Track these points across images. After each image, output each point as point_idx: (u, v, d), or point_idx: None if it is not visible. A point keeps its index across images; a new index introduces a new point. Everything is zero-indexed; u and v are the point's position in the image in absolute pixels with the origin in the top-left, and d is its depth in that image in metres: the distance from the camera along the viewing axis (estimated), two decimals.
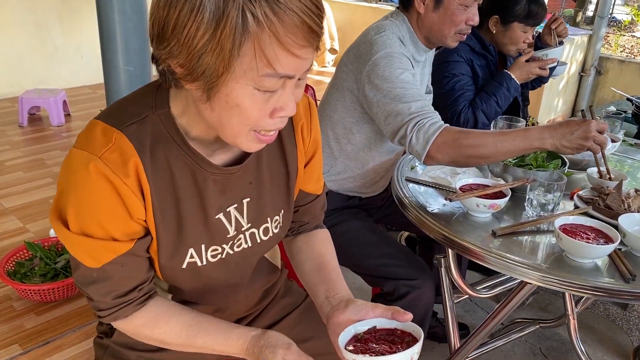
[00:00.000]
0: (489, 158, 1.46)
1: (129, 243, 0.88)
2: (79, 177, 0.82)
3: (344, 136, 1.78)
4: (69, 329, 2.01)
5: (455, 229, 1.40)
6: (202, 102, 0.79)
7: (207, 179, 0.91)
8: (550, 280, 1.23)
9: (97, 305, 0.92)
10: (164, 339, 0.95)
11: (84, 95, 4.78)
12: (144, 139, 0.84)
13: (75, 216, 0.84)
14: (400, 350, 0.83)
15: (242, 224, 0.99)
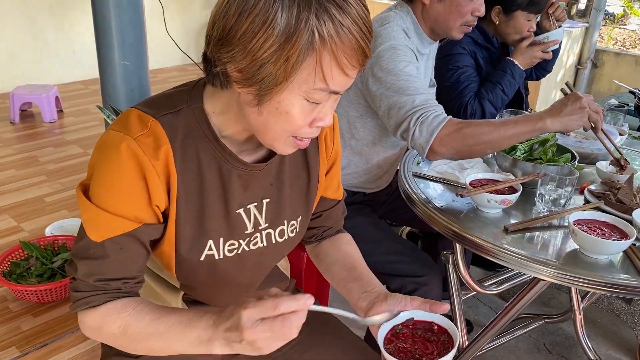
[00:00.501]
0: (492, 144, 1.43)
1: (136, 224, 0.89)
2: (110, 154, 0.86)
3: (347, 131, 1.74)
4: (67, 330, 1.97)
5: (466, 225, 1.37)
6: (251, 105, 0.83)
7: (232, 173, 0.94)
8: (565, 277, 1.21)
9: (76, 286, 0.90)
10: (128, 324, 0.88)
11: (77, 91, 4.71)
12: (176, 129, 0.89)
13: (97, 188, 0.87)
14: (435, 350, 0.86)
15: (260, 222, 1.01)
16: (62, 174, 3.20)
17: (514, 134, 1.41)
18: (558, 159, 1.53)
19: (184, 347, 0.85)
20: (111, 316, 0.89)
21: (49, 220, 2.64)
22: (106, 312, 0.90)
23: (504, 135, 1.41)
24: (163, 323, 0.87)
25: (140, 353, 0.92)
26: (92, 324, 0.91)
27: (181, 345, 0.85)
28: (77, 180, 3.12)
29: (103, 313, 0.90)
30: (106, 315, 0.89)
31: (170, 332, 0.85)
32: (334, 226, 1.20)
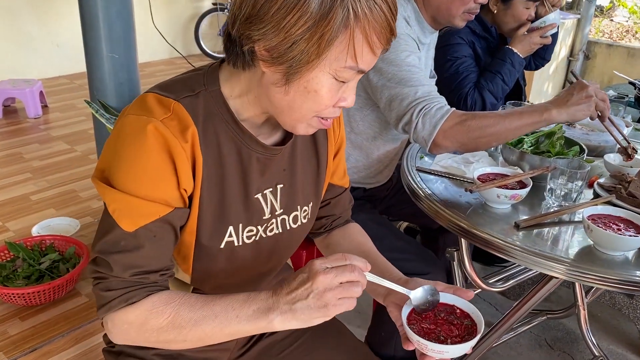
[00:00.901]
0: (498, 136, 1.38)
1: (169, 208, 0.86)
2: (135, 139, 0.83)
3: (346, 124, 1.68)
4: (57, 334, 1.89)
5: (475, 221, 1.32)
6: (277, 85, 0.83)
7: (252, 157, 0.93)
8: (580, 274, 1.16)
9: (108, 285, 0.85)
10: (178, 312, 0.85)
11: (62, 86, 4.59)
12: (197, 112, 0.87)
13: (125, 174, 0.83)
14: (456, 334, 0.86)
15: (276, 207, 1.00)
16: (48, 171, 3.10)
17: (520, 126, 1.37)
18: (567, 152, 1.48)
19: (240, 325, 0.83)
20: (157, 309, 0.85)
21: (36, 219, 2.55)
22: (151, 306, 0.85)
23: (509, 127, 1.37)
24: (218, 304, 0.85)
25: (186, 344, 0.87)
26: (135, 320, 0.86)
27: (238, 322, 0.83)
28: (64, 177, 3.03)
29: (147, 307, 0.85)
30: (151, 310, 0.85)
31: (227, 310, 0.84)
32: (343, 215, 1.19)
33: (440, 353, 0.83)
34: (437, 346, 0.83)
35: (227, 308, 0.84)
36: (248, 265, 1.01)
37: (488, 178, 1.41)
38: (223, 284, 1.04)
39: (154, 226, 0.85)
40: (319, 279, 0.78)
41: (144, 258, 0.86)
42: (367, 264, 0.82)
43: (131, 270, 0.85)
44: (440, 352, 0.83)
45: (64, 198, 2.81)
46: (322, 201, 1.13)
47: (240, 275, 1.03)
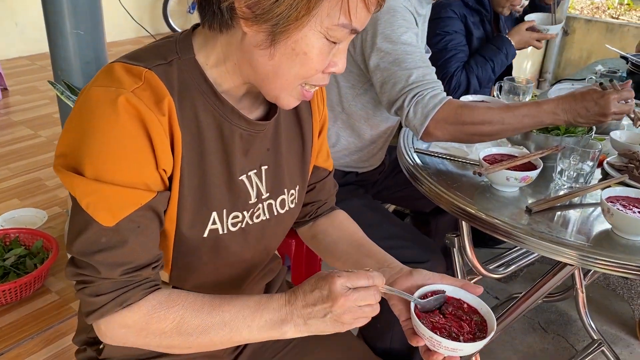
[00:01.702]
0: (494, 136, 1.32)
1: (151, 193, 0.76)
2: (103, 114, 0.72)
3: (337, 103, 1.56)
4: (25, 336, 1.75)
5: (482, 205, 1.23)
6: (261, 47, 0.74)
7: (235, 133, 0.84)
8: (600, 262, 1.08)
9: (97, 289, 0.76)
10: (183, 317, 0.77)
11: (22, 67, 4.35)
12: (172, 82, 0.77)
13: (95, 159, 0.73)
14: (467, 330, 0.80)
15: (262, 191, 0.91)
16: (10, 159, 2.91)
17: (519, 128, 1.30)
18: (576, 130, 1.39)
19: (252, 334, 0.78)
20: (159, 313, 0.77)
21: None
22: (151, 310, 0.77)
23: (508, 128, 1.29)
24: (227, 311, 0.78)
25: (191, 350, 0.80)
26: (135, 325, 0.77)
27: (249, 331, 0.78)
28: (27, 165, 2.84)
29: (147, 311, 0.77)
30: (152, 313, 0.77)
31: (238, 318, 0.78)
32: (328, 201, 1.10)
33: (453, 351, 0.77)
34: (451, 343, 0.77)
35: (237, 316, 0.78)
36: (234, 257, 0.91)
37: (494, 159, 1.31)
38: (205, 282, 0.92)
39: (136, 216, 0.75)
40: (339, 303, 0.74)
41: (131, 253, 0.76)
42: (383, 279, 0.78)
43: (120, 268, 0.75)
44: (454, 349, 0.77)
45: (28, 187, 2.63)
46: (307, 186, 1.04)
47: (225, 271, 0.93)
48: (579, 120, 1.27)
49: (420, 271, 0.88)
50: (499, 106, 1.30)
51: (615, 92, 1.26)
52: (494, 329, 0.79)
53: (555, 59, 4.81)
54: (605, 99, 1.25)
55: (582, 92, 1.28)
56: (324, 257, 1.06)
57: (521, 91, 1.75)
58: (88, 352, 1.00)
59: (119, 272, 0.75)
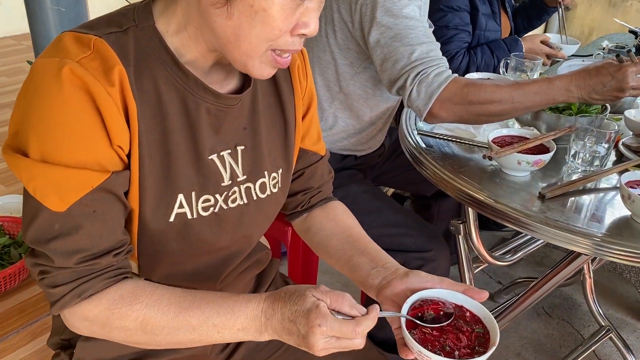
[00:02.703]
0: (504, 116, 1.23)
1: (104, 173, 0.70)
2: (46, 87, 0.66)
3: (335, 82, 1.47)
4: (11, 330, 1.67)
5: (491, 191, 1.15)
6: (217, 6, 0.68)
7: (200, 107, 0.77)
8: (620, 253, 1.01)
9: (54, 280, 0.71)
10: (146, 317, 0.73)
11: (7, 48, 4.21)
12: (126, 51, 0.70)
13: (40, 138, 0.67)
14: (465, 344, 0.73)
15: (238, 173, 0.84)
16: None
17: (530, 107, 1.22)
18: (590, 110, 1.30)
19: (223, 338, 0.75)
20: (121, 309, 0.73)
21: None
22: (112, 304, 0.73)
23: (518, 107, 1.21)
24: (194, 316, 0.73)
25: (163, 347, 0.77)
26: (96, 319, 0.73)
27: (220, 336, 0.74)
28: None
29: (108, 305, 0.73)
30: (113, 308, 0.73)
31: (207, 325, 0.73)
32: (322, 190, 1.02)
33: None
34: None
35: (206, 323, 0.73)
36: (208, 246, 0.84)
37: (504, 141, 1.22)
38: (178, 273, 0.85)
39: (90, 199, 0.70)
40: (316, 346, 0.69)
41: (87, 239, 0.71)
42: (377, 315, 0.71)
43: (76, 256, 0.70)
44: None
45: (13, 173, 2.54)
46: (295, 171, 0.98)
47: (201, 260, 0.86)
48: (594, 96, 1.18)
49: (418, 273, 0.81)
50: (507, 84, 1.22)
51: (634, 64, 1.17)
52: (495, 343, 0.72)
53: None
54: (622, 72, 1.16)
55: (596, 67, 1.19)
56: (318, 252, 0.99)
57: (528, 68, 1.66)
58: (62, 356, 0.94)
59: (74, 261, 0.70)
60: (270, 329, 0.73)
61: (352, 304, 0.71)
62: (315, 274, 1.75)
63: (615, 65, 1.18)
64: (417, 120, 1.47)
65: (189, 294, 0.76)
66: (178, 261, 0.84)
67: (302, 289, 0.72)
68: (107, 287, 0.73)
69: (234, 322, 0.73)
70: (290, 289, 0.74)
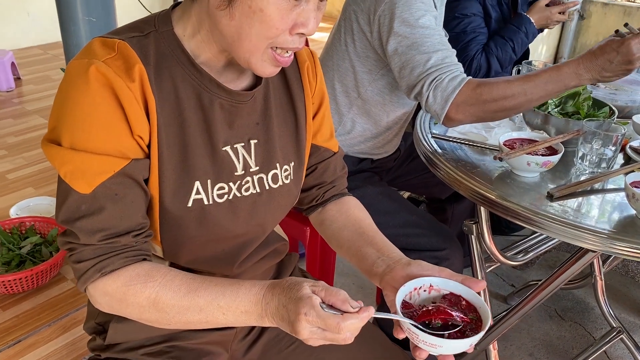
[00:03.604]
0: (519, 109, 1.28)
1: (124, 160, 0.77)
2: (76, 85, 0.75)
3: (353, 89, 1.54)
4: (42, 324, 1.76)
5: (502, 191, 1.20)
6: (221, 8, 0.75)
7: (214, 103, 0.84)
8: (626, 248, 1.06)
9: (80, 256, 0.79)
10: (158, 295, 0.79)
11: (35, 57, 4.34)
12: (147, 51, 0.79)
13: (70, 128, 0.76)
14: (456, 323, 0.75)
15: (250, 164, 0.90)
16: (24, 148, 2.91)
17: (544, 96, 1.25)
18: (597, 114, 1.36)
19: (228, 321, 0.79)
20: (136, 286, 0.79)
21: (13, 199, 2.38)
22: (128, 281, 0.79)
23: (532, 98, 1.24)
24: (202, 297, 0.78)
25: (172, 327, 0.82)
26: (115, 294, 0.80)
27: (225, 319, 0.79)
28: (41, 154, 2.84)
29: (125, 281, 0.79)
30: (129, 285, 0.79)
31: (212, 305, 0.78)
32: (336, 185, 1.08)
33: (432, 347, 0.72)
34: (430, 338, 0.71)
35: (211, 303, 0.78)
36: (224, 232, 0.90)
37: (514, 144, 1.28)
38: (198, 258, 0.92)
39: (112, 183, 0.77)
40: (301, 334, 0.72)
41: (109, 219, 0.78)
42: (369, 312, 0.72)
43: (99, 234, 0.78)
44: (433, 345, 0.72)
45: (43, 176, 2.63)
46: (309, 167, 1.03)
47: (218, 246, 0.92)
48: (605, 74, 1.20)
49: (420, 262, 0.85)
50: (517, 77, 1.26)
51: (635, 36, 1.19)
52: (485, 329, 0.74)
53: (571, 44, 4.73)
54: (626, 45, 1.18)
55: (600, 46, 1.22)
56: (330, 243, 1.04)
57: None
58: (97, 341, 1.00)
59: (97, 238, 0.78)
60: (270, 315, 0.76)
61: (345, 299, 0.72)
62: (332, 274, 1.81)
63: (617, 41, 1.20)
64: (432, 124, 1.53)
65: (199, 277, 0.81)
66: (198, 247, 0.90)
67: (302, 281, 0.75)
68: (125, 265, 0.80)
69: (237, 304, 0.77)
70: (292, 280, 0.77)
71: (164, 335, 0.98)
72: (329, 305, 0.72)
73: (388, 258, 0.89)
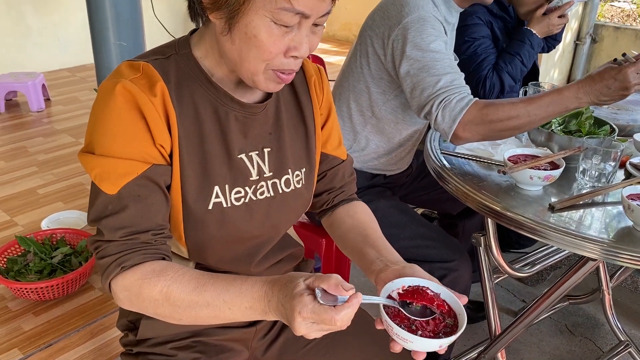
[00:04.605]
0: (522, 129, 1.36)
1: (147, 164, 0.86)
2: (105, 101, 0.85)
3: (368, 108, 1.63)
4: (72, 329, 1.85)
5: (507, 203, 1.28)
6: (224, 34, 0.84)
7: (229, 115, 0.93)
8: (620, 256, 1.13)
9: (104, 252, 0.86)
10: (170, 289, 0.84)
11: (64, 79, 4.52)
12: (168, 71, 0.88)
13: (99, 139, 0.85)
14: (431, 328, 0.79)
15: (264, 170, 0.99)
16: (53, 165, 3.05)
17: (546, 117, 1.33)
18: (598, 132, 1.44)
19: (234, 316, 0.83)
20: (151, 279, 0.84)
21: (44, 213, 2.50)
22: (144, 274, 0.85)
23: (535, 119, 1.33)
24: (209, 291, 0.83)
25: (184, 322, 0.87)
26: (132, 288, 0.85)
27: (231, 313, 0.83)
28: (69, 170, 2.98)
29: (141, 275, 0.85)
30: (145, 278, 0.85)
31: (219, 300, 0.82)
32: (345, 190, 1.15)
33: (404, 341, 0.77)
34: (403, 332, 0.76)
35: (217, 298, 0.83)
36: (242, 233, 0.98)
37: (518, 159, 1.36)
38: (222, 257, 1.00)
39: (135, 185, 0.85)
40: (298, 330, 0.75)
41: (131, 218, 0.86)
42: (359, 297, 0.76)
43: (121, 231, 0.85)
44: (405, 339, 0.77)
45: (71, 191, 2.76)
46: (319, 173, 1.11)
47: (238, 247, 1.00)
48: (603, 98, 1.29)
49: (413, 266, 0.89)
50: (521, 99, 1.34)
51: (631, 64, 1.28)
52: (456, 335, 0.78)
53: (583, 67, 4.80)
54: (623, 74, 1.27)
55: (599, 73, 1.30)
56: (337, 243, 1.11)
57: None
58: (129, 337, 1.09)
59: (119, 235, 0.85)
60: (272, 311, 0.80)
61: (337, 282, 0.75)
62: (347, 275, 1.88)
63: (615, 68, 1.29)
64: (441, 141, 1.62)
65: (208, 274, 0.86)
66: (219, 248, 0.98)
67: (298, 277, 0.79)
68: (144, 262, 0.86)
69: (241, 300, 0.81)
70: (290, 276, 0.80)
71: (190, 332, 1.06)
72: (324, 291, 0.75)
73: (386, 259, 0.95)
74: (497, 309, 1.58)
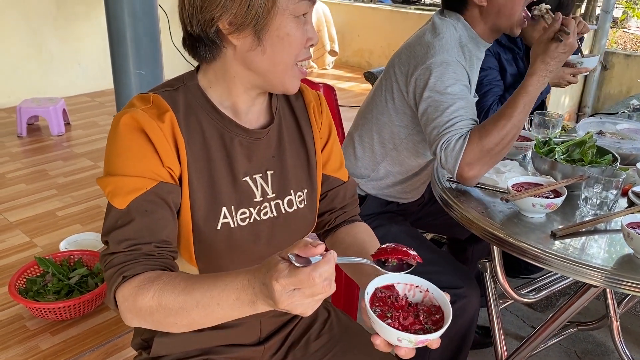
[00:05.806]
0: (515, 138, 1.43)
1: (154, 181, 0.91)
2: (115, 130, 0.93)
3: (389, 140, 1.69)
4: (87, 349, 1.90)
5: (510, 230, 1.32)
6: (253, 49, 0.92)
7: (234, 140, 1.00)
8: (621, 283, 1.15)
9: (109, 263, 0.89)
10: (161, 293, 0.83)
11: (83, 104, 4.65)
12: (177, 102, 0.96)
13: (111, 160, 0.93)
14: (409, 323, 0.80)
15: (268, 192, 1.04)
16: (72, 188, 3.14)
17: (528, 112, 1.42)
18: (600, 161, 1.47)
19: (225, 312, 0.81)
20: (145, 286, 0.85)
21: (62, 235, 2.57)
22: (140, 282, 0.86)
23: (521, 123, 1.41)
24: (197, 290, 0.82)
25: (179, 327, 0.86)
26: (129, 296, 0.86)
27: (222, 309, 0.81)
28: (88, 193, 3.07)
29: (137, 283, 0.86)
30: (139, 286, 0.86)
31: (206, 297, 0.81)
32: (346, 211, 1.20)
33: (380, 329, 0.78)
34: (380, 323, 0.76)
35: (205, 295, 0.81)
36: (249, 252, 1.02)
37: (522, 187, 1.40)
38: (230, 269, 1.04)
39: (143, 200, 0.91)
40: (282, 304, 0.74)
41: (136, 231, 0.90)
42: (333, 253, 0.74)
43: (124, 243, 0.89)
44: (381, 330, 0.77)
45: (89, 214, 2.84)
46: (321, 195, 1.16)
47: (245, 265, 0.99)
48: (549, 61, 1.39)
49: None
50: (499, 113, 1.41)
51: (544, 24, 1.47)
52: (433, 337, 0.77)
53: (594, 94, 4.83)
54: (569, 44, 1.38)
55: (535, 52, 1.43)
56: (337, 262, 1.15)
57: (551, 124, 1.83)
58: (143, 355, 1.13)
59: (123, 246, 0.89)
60: (259, 296, 0.77)
61: (305, 243, 0.74)
62: (357, 307, 1.91)
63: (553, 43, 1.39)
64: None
65: (197, 276, 0.87)
66: (228, 268, 0.99)
67: (274, 256, 0.77)
68: (144, 271, 0.88)
69: (228, 293, 0.79)
70: (270, 259, 0.77)
71: (201, 349, 1.11)
72: (297, 256, 0.73)
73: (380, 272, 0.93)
74: (503, 334, 1.61)
